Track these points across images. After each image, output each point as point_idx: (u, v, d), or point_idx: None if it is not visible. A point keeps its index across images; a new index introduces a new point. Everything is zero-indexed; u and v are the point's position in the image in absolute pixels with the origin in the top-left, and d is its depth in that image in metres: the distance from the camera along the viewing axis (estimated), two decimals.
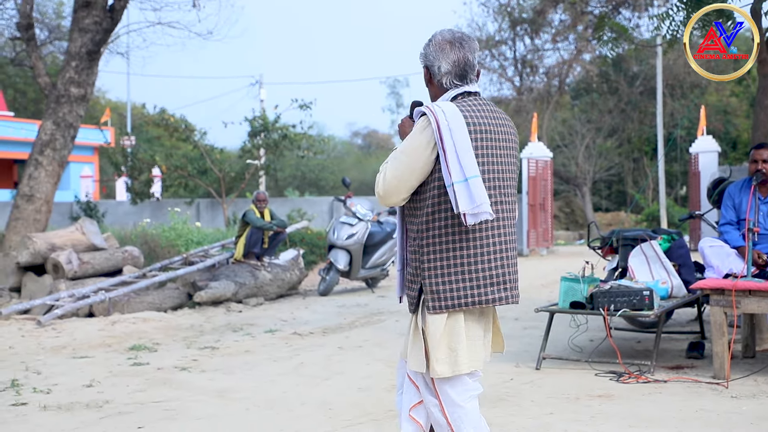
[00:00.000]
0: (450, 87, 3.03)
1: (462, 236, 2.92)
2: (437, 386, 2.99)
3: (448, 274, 2.92)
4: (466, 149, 2.86)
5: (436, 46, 3.02)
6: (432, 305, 2.93)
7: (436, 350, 2.93)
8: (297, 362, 6.50)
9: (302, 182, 32.75)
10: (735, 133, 29.40)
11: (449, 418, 2.98)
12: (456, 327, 2.95)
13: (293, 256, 11.74)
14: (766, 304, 5.46)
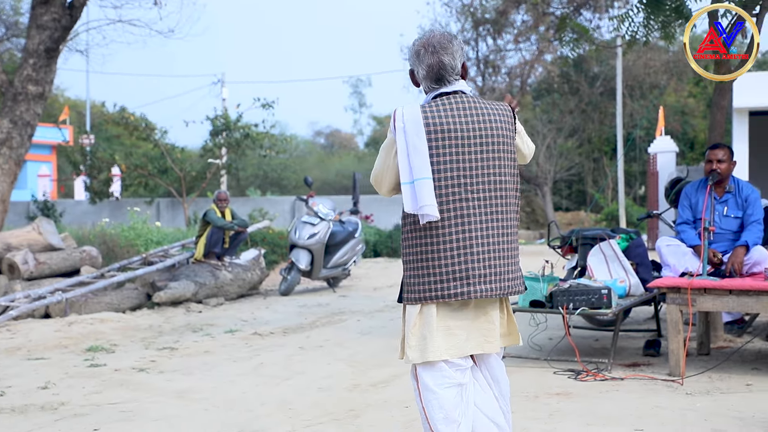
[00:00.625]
0: (428, 90, 3.16)
1: (425, 233, 3.05)
2: (417, 371, 3.14)
3: (417, 268, 3.07)
4: (418, 151, 2.99)
5: (413, 51, 3.17)
6: (405, 297, 3.12)
7: (409, 337, 3.09)
8: (257, 362, 6.46)
9: (264, 181, 32.60)
10: (692, 134, 29.83)
11: (422, 402, 3.12)
12: (427, 316, 3.07)
13: (254, 255, 11.68)
14: (721, 303, 5.54)
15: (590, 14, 24.98)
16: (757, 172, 12.57)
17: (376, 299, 10.61)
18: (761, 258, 6.04)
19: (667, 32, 7.80)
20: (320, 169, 35.75)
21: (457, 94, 3.11)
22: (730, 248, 6.30)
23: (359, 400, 5.14)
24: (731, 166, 6.42)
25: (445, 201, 3.02)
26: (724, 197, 6.44)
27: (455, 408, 3.10)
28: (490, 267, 3.06)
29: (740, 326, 7.17)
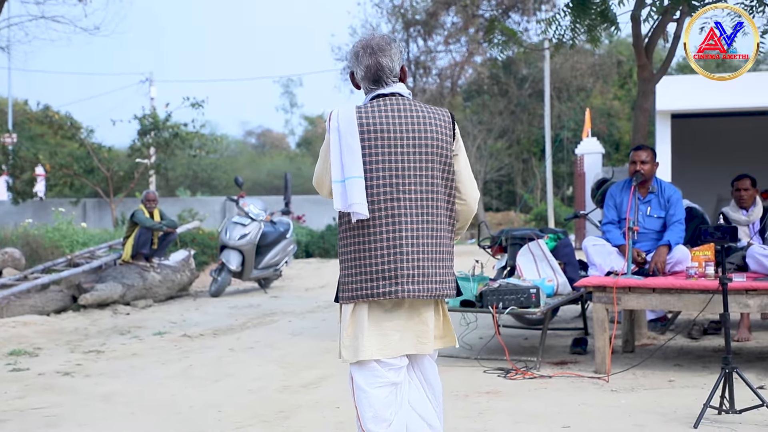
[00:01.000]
0: (366, 91, 3.20)
1: (357, 232, 3.07)
2: (350, 370, 3.16)
3: (349, 267, 3.10)
4: (351, 150, 3.03)
5: (352, 53, 3.21)
6: (339, 296, 3.14)
7: (343, 336, 3.12)
8: (186, 364, 6.38)
9: (194, 182, 32.16)
10: (618, 135, 30.47)
11: (355, 400, 3.15)
12: (360, 316, 3.09)
13: (184, 256, 11.52)
14: (645, 301, 5.68)
15: (518, 17, 25.33)
16: (679, 173, 12.91)
17: (308, 300, 10.57)
18: (683, 257, 6.21)
19: (592, 35, 7.96)
20: (251, 169, 35.44)
21: (394, 96, 3.14)
22: (653, 247, 6.46)
23: (290, 402, 5.12)
24: (654, 167, 6.59)
25: (377, 200, 3.03)
26: (647, 198, 6.60)
27: (386, 407, 3.10)
28: (419, 268, 3.07)
29: (663, 324, 7.37)
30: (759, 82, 13.88)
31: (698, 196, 10.60)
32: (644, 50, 7.51)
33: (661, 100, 12.36)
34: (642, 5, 7.10)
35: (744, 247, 6.46)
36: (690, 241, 6.60)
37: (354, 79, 3.23)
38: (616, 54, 29.88)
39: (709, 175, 13.51)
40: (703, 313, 5.59)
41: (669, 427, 4.37)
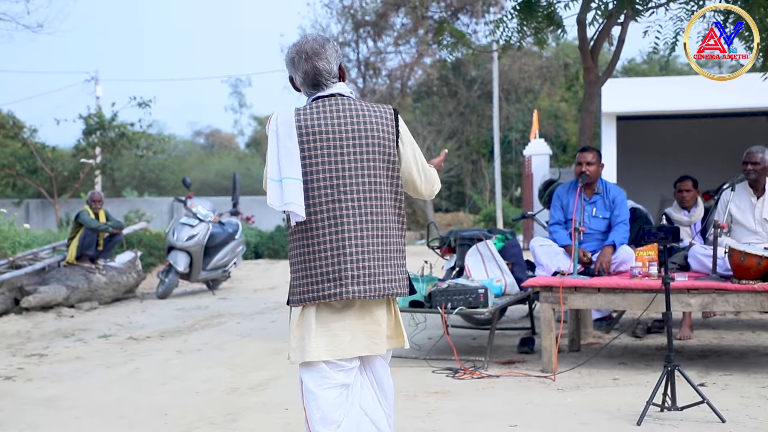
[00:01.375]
0: (307, 95, 3.19)
1: (302, 235, 3.06)
2: (300, 371, 3.15)
3: (297, 270, 3.09)
4: (288, 152, 3.02)
5: (287, 59, 3.19)
6: (289, 299, 3.13)
7: (291, 338, 3.12)
8: (132, 368, 6.29)
9: (141, 182, 31.74)
10: (565, 137, 30.85)
11: (303, 402, 3.13)
12: (308, 318, 3.08)
13: (130, 258, 11.37)
14: (590, 300, 5.76)
15: (467, 19, 25.54)
16: (625, 174, 13.12)
17: (256, 301, 10.51)
18: (627, 257, 6.32)
19: (539, 38, 8.04)
20: (200, 170, 35.09)
21: (334, 97, 3.12)
22: (599, 248, 6.56)
23: (238, 404, 5.08)
24: (599, 168, 6.69)
25: (318, 202, 3.02)
26: (593, 198, 6.69)
27: (335, 409, 3.08)
28: (364, 268, 3.05)
29: (608, 323, 7.48)
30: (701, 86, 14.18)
31: (643, 196, 10.79)
32: (590, 53, 7.61)
33: (607, 102, 12.55)
34: (587, 9, 7.19)
35: (686, 247, 6.60)
36: (634, 242, 6.71)
37: (294, 84, 3.22)
38: (563, 56, 30.28)
39: (653, 177, 13.77)
40: (646, 312, 5.68)
41: (613, 425, 4.44)
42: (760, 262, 5.40)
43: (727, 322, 7.91)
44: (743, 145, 6.99)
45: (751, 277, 5.43)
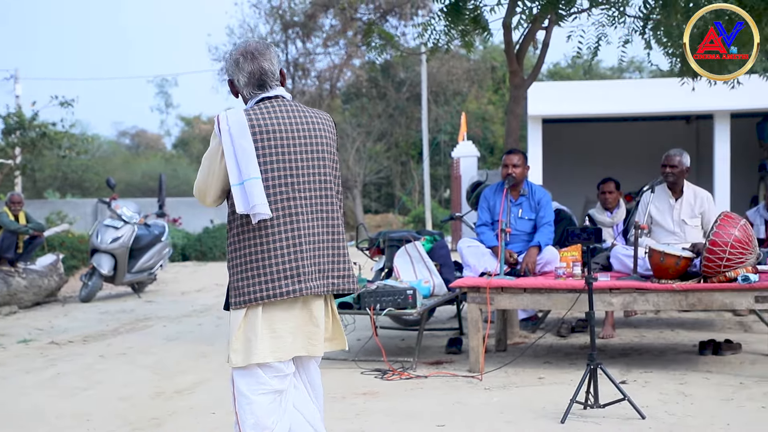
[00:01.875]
0: (250, 97, 3.16)
1: (254, 233, 3.04)
2: (233, 375, 3.10)
3: (245, 270, 3.04)
4: (245, 152, 3.01)
5: (231, 60, 3.17)
6: (232, 301, 3.05)
7: (233, 341, 3.05)
8: (53, 373, 6.14)
9: (64, 183, 30.99)
10: (492, 139, 31.23)
11: (236, 406, 3.09)
12: (252, 319, 3.04)
13: (52, 261, 11.09)
14: (517, 301, 5.85)
15: (396, 21, 25.65)
16: (550, 176, 13.34)
17: (183, 304, 10.36)
18: (552, 258, 6.43)
19: (466, 41, 8.14)
20: (125, 171, 34.43)
21: (278, 99, 3.15)
22: (525, 248, 6.66)
23: (163, 408, 5.01)
24: (525, 170, 6.80)
25: (274, 200, 3.03)
26: (519, 200, 6.80)
27: (268, 415, 3.06)
28: (318, 264, 3.10)
29: (534, 323, 7.60)
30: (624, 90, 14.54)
31: (567, 198, 10.98)
32: (515, 57, 7.73)
33: (533, 105, 12.73)
34: (512, 13, 7.31)
35: (609, 247, 6.75)
36: (558, 242, 6.83)
37: (234, 87, 3.20)
38: (490, 60, 30.64)
39: (577, 179, 14.01)
40: (571, 311, 5.79)
41: (538, 423, 4.51)
42: (678, 262, 5.56)
43: (647, 321, 8.12)
44: (664, 148, 7.19)
45: (670, 276, 5.59)
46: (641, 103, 13.32)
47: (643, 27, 7.41)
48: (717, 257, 5.37)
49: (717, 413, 4.63)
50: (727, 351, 6.26)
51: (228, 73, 3.19)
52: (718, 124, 13.24)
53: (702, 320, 8.06)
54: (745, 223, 5.49)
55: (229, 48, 4.43)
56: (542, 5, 6.99)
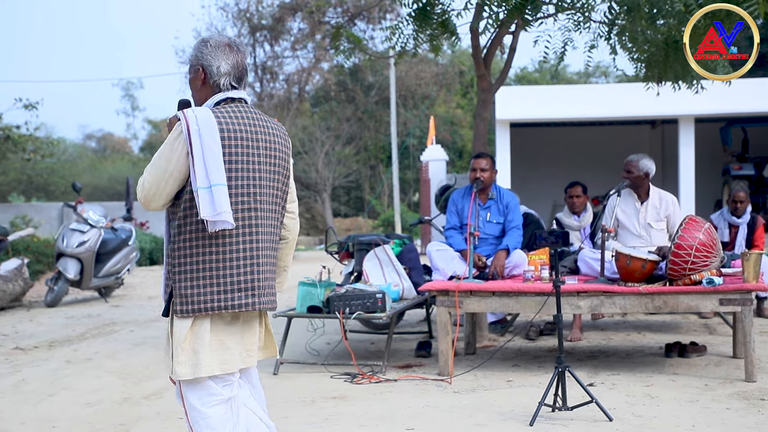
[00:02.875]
0: (227, 89, 3.03)
1: (211, 241, 2.92)
2: (182, 389, 3.00)
3: (196, 278, 2.92)
4: (214, 156, 2.88)
5: (214, 47, 3.03)
6: (179, 309, 2.92)
7: (178, 353, 2.93)
8: (17, 379, 6.05)
9: (29, 187, 30.61)
10: (461, 143, 31.39)
11: (189, 422, 3.00)
12: (200, 330, 2.94)
13: (16, 265, 10.92)
14: (485, 304, 5.88)
15: (364, 25, 25.68)
16: (518, 180, 13.44)
17: (151, 308, 10.27)
18: (520, 261, 6.47)
19: (434, 45, 8.17)
20: (91, 174, 34.06)
21: (242, 102, 3.05)
22: (493, 252, 6.70)
23: (130, 414, 4.97)
24: (493, 174, 6.83)
25: (236, 209, 2.93)
26: (487, 204, 6.84)
27: (224, 425, 3.00)
28: (267, 279, 3.06)
29: (503, 326, 7.64)
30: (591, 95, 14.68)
31: (535, 202, 11.08)
32: (483, 61, 7.77)
33: (501, 109, 12.83)
34: (479, 18, 7.35)
35: (576, 251, 6.81)
36: (527, 246, 6.88)
37: (205, 76, 3.03)
38: (458, 64, 30.79)
39: (545, 182, 14.14)
40: (539, 314, 5.83)
41: (507, 426, 4.54)
42: (645, 265, 5.62)
43: (614, 324, 8.19)
44: (630, 151, 7.27)
45: (636, 279, 5.65)
46: (608, 108, 13.47)
47: (609, 32, 7.49)
48: (682, 260, 5.44)
49: (683, 414, 4.68)
50: (692, 353, 6.34)
51: (203, 60, 3.03)
52: (683, 128, 13.42)
53: (668, 323, 8.16)
54: (710, 227, 5.57)
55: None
56: (509, 10, 7.04)
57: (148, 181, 2.91)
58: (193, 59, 3.06)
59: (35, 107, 18.49)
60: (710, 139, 14.65)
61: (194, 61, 3.05)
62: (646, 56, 7.69)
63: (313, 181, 30.15)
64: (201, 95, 3.07)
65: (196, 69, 3.05)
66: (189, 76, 3.09)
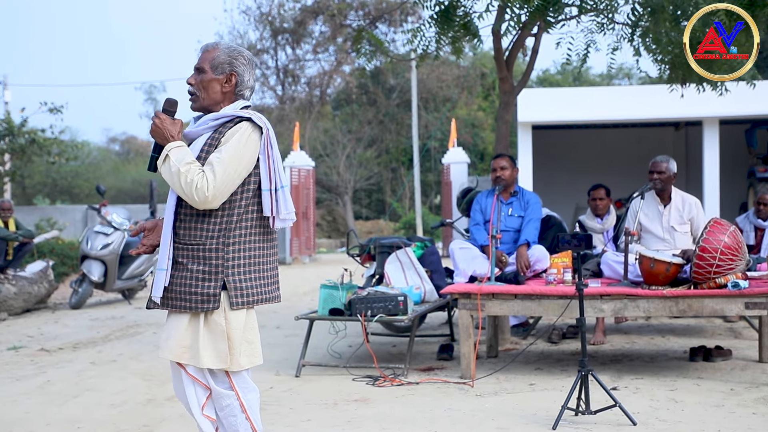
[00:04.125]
0: (247, 99, 3.24)
1: (262, 237, 3.16)
2: (233, 379, 3.14)
3: (250, 272, 3.12)
4: (279, 159, 3.16)
5: (248, 60, 3.22)
6: (237, 300, 3.08)
7: (239, 342, 3.09)
8: (43, 380, 6.10)
9: (54, 190, 30.90)
10: (482, 146, 31.30)
11: (245, 405, 3.15)
12: (251, 320, 3.16)
13: (42, 267, 11.04)
14: (507, 307, 5.86)
15: (386, 27, 25.71)
16: (541, 183, 13.37)
17: None
18: (542, 255, 6.50)
19: (456, 47, 8.16)
20: (115, 177, 34.33)
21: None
22: (514, 248, 6.69)
23: (154, 415, 4.99)
24: (514, 172, 6.85)
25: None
26: (509, 200, 6.88)
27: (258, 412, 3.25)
28: None
29: (525, 329, 7.61)
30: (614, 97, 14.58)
31: (558, 204, 11.02)
32: (505, 63, 7.76)
33: (523, 111, 12.77)
34: (502, 20, 7.33)
35: (599, 254, 6.77)
36: (549, 248, 6.85)
37: (237, 83, 3.18)
38: (479, 66, 30.72)
39: (568, 185, 14.06)
40: (561, 317, 5.80)
41: (530, 429, 4.52)
42: (669, 269, 5.58)
43: (638, 327, 8.14)
44: (653, 154, 7.22)
45: (660, 283, 5.61)
46: (631, 110, 13.37)
47: (632, 34, 7.45)
48: (707, 264, 5.40)
49: (708, 419, 4.64)
50: (717, 357, 6.28)
51: (237, 67, 3.17)
52: (707, 130, 13.30)
53: (692, 326, 8.09)
54: (735, 230, 5.52)
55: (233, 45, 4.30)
56: (531, 12, 7.02)
57: (221, 180, 2.99)
58: (225, 65, 3.17)
59: (60, 111, 18.63)
60: (735, 141, 14.51)
61: (227, 68, 3.17)
62: (670, 58, 7.63)
63: (334, 184, 30.20)
64: (218, 98, 3.19)
65: (228, 75, 3.17)
66: (211, 77, 3.16)
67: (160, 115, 3.14)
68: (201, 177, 2.98)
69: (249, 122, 3.10)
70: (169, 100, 3.20)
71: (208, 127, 3.14)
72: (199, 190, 2.98)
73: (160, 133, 3.11)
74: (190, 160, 3.04)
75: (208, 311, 3.07)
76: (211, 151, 3.07)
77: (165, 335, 3.16)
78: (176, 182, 3.02)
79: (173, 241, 3.12)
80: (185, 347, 3.10)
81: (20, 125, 18.68)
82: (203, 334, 3.09)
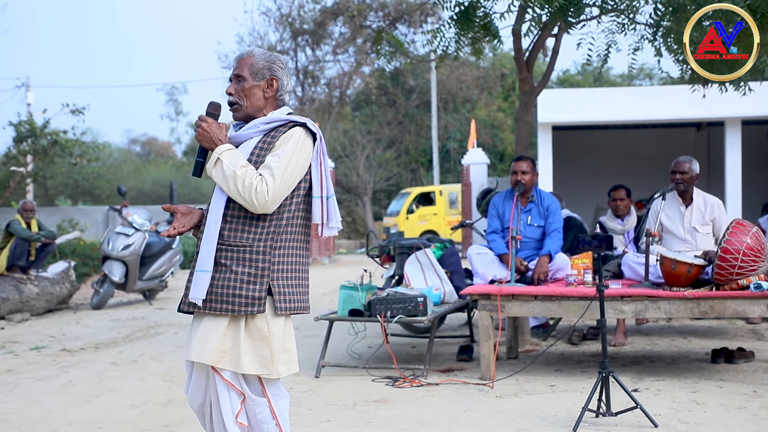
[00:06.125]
0: (286, 104, 3.21)
1: (303, 244, 3.15)
2: (266, 385, 3.09)
3: (292, 278, 3.09)
4: (328, 169, 3.15)
5: (282, 64, 3.20)
6: (282, 306, 3.03)
7: (278, 350, 3.03)
8: (65, 380, 6.15)
9: (75, 191, 31.14)
10: (502, 147, 31.23)
11: (276, 412, 3.10)
12: (289, 328, 3.12)
13: (63, 268, 11.13)
14: (528, 308, 5.84)
15: (405, 28, 25.69)
16: (560, 184, 13.32)
17: None
18: (563, 264, 6.42)
19: (476, 48, 8.14)
20: (136, 178, 34.57)
21: None
22: (534, 255, 6.65)
23: (174, 415, 5.02)
24: (534, 177, 6.79)
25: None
26: (528, 207, 6.79)
27: None
28: None
29: (545, 330, 7.58)
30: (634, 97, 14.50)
31: (578, 205, 10.97)
32: (525, 64, 7.73)
33: (543, 112, 12.72)
34: (522, 20, 7.31)
35: (620, 255, 6.73)
36: (569, 250, 6.82)
37: (278, 87, 3.15)
38: (499, 67, 30.66)
39: (588, 186, 13.98)
40: (582, 319, 5.77)
41: (550, 431, 4.50)
42: (690, 270, 5.54)
43: (659, 329, 8.09)
44: (674, 154, 7.17)
45: (681, 284, 5.57)
46: (652, 110, 13.28)
47: (654, 34, 7.40)
48: (729, 265, 5.35)
49: (730, 422, 4.60)
50: (739, 359, 6.23)
51: (276, 72, 3.14)
52: (729, 131, 13.19)
53: (714, 328, 8.03)
54: (758, 231, 5.47)
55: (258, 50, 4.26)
56: (551, 13, 6.99)
57: (280, 185, 2.96)
58: (265, 71, 3.13)
59: (82, 112, 18.77)
60: (757, 141, 14.38)
61: (267, 73, 3.13)
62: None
63: (354, 185, 30.22)
64: (260, 104, 3.14)
65: (269, 81, 3.14)
66: (252, 84, 3.11)
67: (206, 119, 3.07)
68: (260, 181, 2.93)
69: (303, 128, 3.06)
70: (213, 104, 3.13)
71: (259, 131, 3.08)
72: (260, 194, 2.92)
73: (207, 137, 3.03)
74: (244, 164, 2.98)
75: (250, 315, 3.00)
76: (262, 154, 3.02)
77: (199, 338, 3.02)
78: (231, 185, 2.95)
79: (223, 243, 3.03)
80: (224, 351, 2.99)
81: (42, 127, 18.84)
82: (244, 338, 3.00)
